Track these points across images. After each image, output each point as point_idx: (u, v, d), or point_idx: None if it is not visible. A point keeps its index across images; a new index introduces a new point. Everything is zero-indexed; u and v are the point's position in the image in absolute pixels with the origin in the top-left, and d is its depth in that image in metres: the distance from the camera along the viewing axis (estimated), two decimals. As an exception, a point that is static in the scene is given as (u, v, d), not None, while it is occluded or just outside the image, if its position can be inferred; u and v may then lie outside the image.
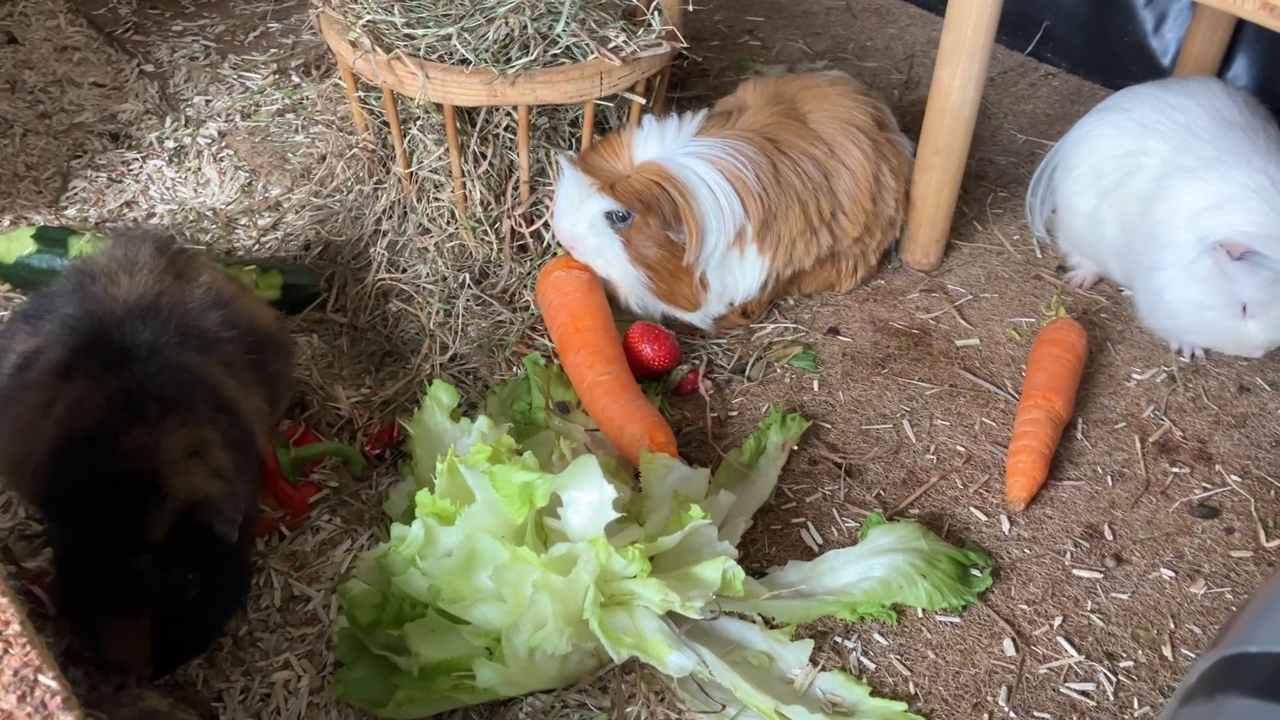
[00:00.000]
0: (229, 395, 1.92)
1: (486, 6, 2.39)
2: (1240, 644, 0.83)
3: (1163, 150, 2.43)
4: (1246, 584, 2.05)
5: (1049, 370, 2.37)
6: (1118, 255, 2.56)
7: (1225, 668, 0.82)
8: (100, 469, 1.69)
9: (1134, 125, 2.48)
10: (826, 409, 2.38)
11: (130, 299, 1.94)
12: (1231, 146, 2.35)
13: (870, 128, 2.52)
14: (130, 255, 2.03)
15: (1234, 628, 0.89)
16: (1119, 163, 2.49)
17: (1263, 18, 1.90)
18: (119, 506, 1.67)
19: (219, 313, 2.00)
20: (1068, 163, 2.61)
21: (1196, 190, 2.34)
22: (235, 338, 2.00)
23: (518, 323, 2.51)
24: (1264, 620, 0.84)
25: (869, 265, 2.64)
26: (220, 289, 2.06)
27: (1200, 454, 2.30)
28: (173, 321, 1.92)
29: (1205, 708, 0.80)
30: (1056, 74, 3.52)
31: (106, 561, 1.67)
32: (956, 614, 1.99)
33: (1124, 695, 1.88)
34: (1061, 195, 2.65)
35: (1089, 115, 2.63)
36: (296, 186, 2.89)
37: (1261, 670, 0.80)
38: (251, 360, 2.03)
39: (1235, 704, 0.78)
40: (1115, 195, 2.51)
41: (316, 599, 1.98)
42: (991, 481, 2.24)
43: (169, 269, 2.03)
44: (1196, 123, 2.41)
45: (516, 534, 1.79)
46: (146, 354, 1.85)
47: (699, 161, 2.31)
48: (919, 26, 3.74)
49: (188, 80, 3.33)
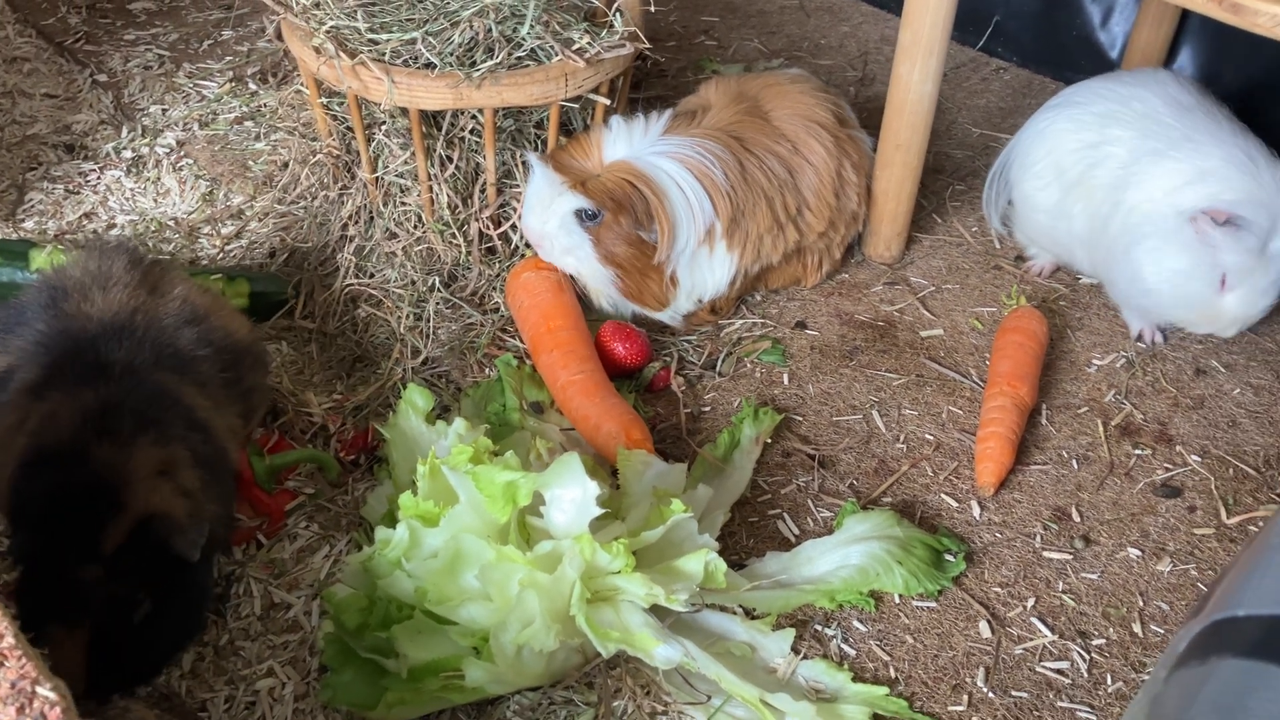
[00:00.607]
0: (202, 415, 1.91)
1: (450, 10, 2.40)
2: (1228, 609, 0.87)
3: (1128, 137, 2.47)
4: (1210, 560, 2.11)
5: (1012, 358, 2.41)
6: (1085, 246, 2.59)
7: (1215, 632, 0.86)
8: (64, 480, 1.68)
9: (1093, 118, 2.53)
10: (797, 402, 2.42)
11: (105, 316, 1.92)
12: (1197, 126, 2.40)
13: (832, 124, 2.55)
14: (104, 269, 2.00)
15: (1218, 594, 0.92)
16: (1081, 155, 2.54)
17: (1212, 10, 1.96)
18: (77, 517, 1.66)
19: (194, 329, 1.98)
20: (1026, 159, 2.65)
21: (1170, 170, 2.38)
22: (210, 355, 1.99)
23: (488, 325, 2.51)
24: (1249, 585, 0.87)
25: (834, 259, 2.68)
26: (195, 303, 2.04)
27: (1161, 435, 2.36)
28: (147, 340, 1.90)
29: (1198, 671, 0.83)
30: (1008, 68, 3.59)
31: (57, 570, 1.65)
32: (933, 599, 2.03)
33: (1097, 672, 1.93)
34: (1020, 191, 2.69)
35: (1043, 112, 2.67)
36: (259, 194, 2.88)
37: (1250, 632, 0.84)
38: (226, 378, 2.02)
39: (1228, 665, 0.82)
40: (1081, 188, 2.54)
41: (297, 606, 1.98)
42: (961, 468, 2.28)
43: (143, 283, 2.01)
44: (1156, 110, 2.46)
45: (500, 533, 1.80)
46: (120, 372, 1.84)
47: (668, 160, 2.33)
48: (871, 24, 3.79)
49: (142, 90, 3.30)
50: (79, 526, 1.67)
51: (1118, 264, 2.48)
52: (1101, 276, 2.64)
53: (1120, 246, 2.46)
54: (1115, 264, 2.50)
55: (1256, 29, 1.91)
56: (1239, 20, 1.92)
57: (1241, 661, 0.81)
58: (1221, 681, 0.82)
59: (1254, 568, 0.88)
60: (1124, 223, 2.45)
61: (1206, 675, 0.83)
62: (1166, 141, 2.42)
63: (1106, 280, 2.61)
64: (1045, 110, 2.67)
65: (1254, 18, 1.90)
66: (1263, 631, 0.83)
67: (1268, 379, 2.49)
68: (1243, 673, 0.81)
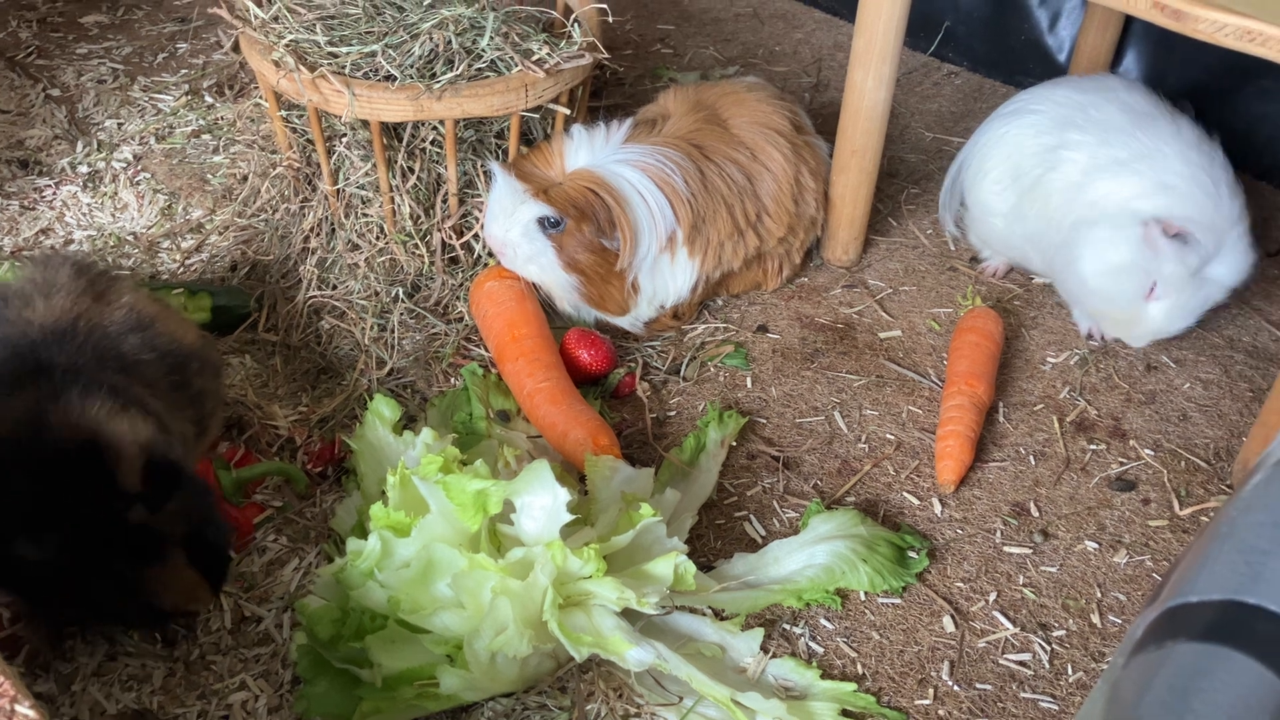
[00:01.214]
0: (153, 407, 1.90)
1: (410, 23, 2.41)
2: (1182, 595, 0.91)
3: (1088, 143, 2.49)
4: (1165, 551, 2.17)
5: (969, 357, 2.46)
6: (1039, 248, 2.62)
7: (1169, 618, 0.90)
8: (37, 451, 1.68)
9: (1050, 123, 2.56)
10: (761, 404, 2.45)
11: (46, 322, 1.90)
12: (1160, 136, 2.44)
13: (789, 131, 2.60)
14: (48, 278, 1.99)
15: (1172, 582, 0.96)
16: (1039, 159, 2.56)
17: (1155, 16, 2.01)
18: (76, 478, 1.67)
19: (138, 336, 1.97)
20: (982, 165, 2.68)
21: (1131, 181, 2.42)
22: (155, 360, 1.98)
23: (453, 334, 2.53)
24: (1201, 572, 0.92)
25: (793, 264, 2.72)
26: (142, 310, 2.02)
27: (1115, 431, 2.42)
28: (89, 344, 1.89)
29: (1155, 655, 0.87)
30: (958, 72, 3.65)
31: (101, 530, 1.67)
32: (897, 595, 2.07)
33: (1058, 663, 1.97)
34: (976, 196, 2.72)
35: (998, 119, 2.69)
36: (219, 207, 2.87)
37: (1202, 616, 0.88)
38: (174, 381, 2.01)
39: (1183, 648, 0.86)
40: (1037, 191, 2.57)
41: (268, 618, 1.98)
42: (922, 466, 2.33)
43: (87, 291, 2.00)
44: (1112, 117, 2.50)
45: (471, 542, 1.81)
46: (63, 374, 1.82)
47: (630, 169, 2.36)
48: (824, 30, 3.85)
49: (97, 104, 3.27)
50: (88, 482, 1.68)
51: (1064, 251, 2.51)
52: (1051, 273, 2.68)
53: (1070, 238, 2.49)
54: (1061, 252, 2.52)
55: (1198, 35, 1.97)
56: (1181, 26, 1.98)
57: (1195, 645, 0.85)
58: (1176, 664, 0.86)
59: (1205, 556, 0.92)
60: (1079, 216, 2.48)
61: (1162, 659, 0.87)
62: (1130, 152, 2.44)
63: (1056, 276, 2.65)
64: (999, 117, 2.70)
65: (1195, 24, 1.96)
66: (1214, 615, 0.87)
67: (1216, 373, 2.56)
68: (1196, 655, 0.85)
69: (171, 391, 1.98)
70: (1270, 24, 1.89)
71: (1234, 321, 2.69)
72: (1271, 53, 1.91)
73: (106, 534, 1.69)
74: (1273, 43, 1.89)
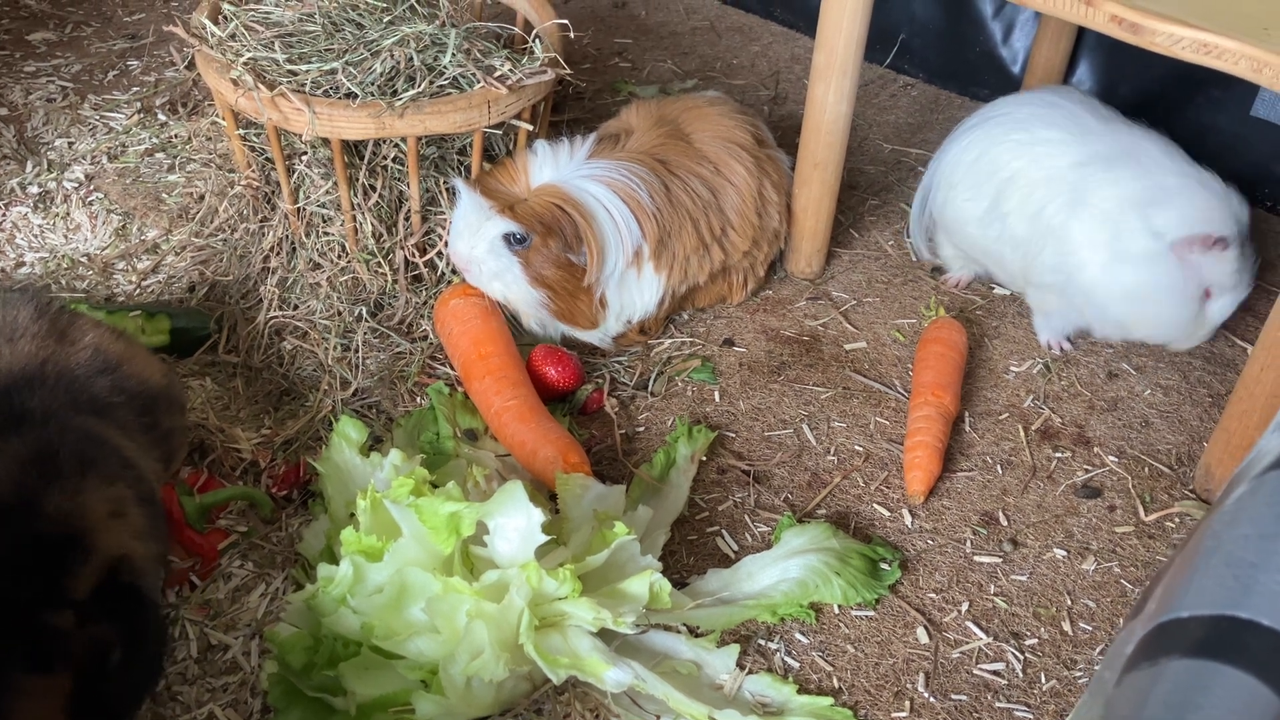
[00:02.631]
0: (130, 455, 1.88)
1: (371, 40, 2.39)
2: (1171, 611, 0.91)
3: (1067, 140, 2.49)
4: (1131, 557, 2.19)
5: (935, 368, 2.48)
6: (1021, 251, 2.58)
7: (1161, 634, 0.90)
8: (18, 530, 1.63)
9: (1024, 132, 2.55)
10: (729, 418, 2.45)
11: (14, 368, 1.86)
12: (1136, 137, 2.46)
13: (751, 145, 2.60)
14: (9, 320, 1.95)
15: (1160, 597, 0.97)
16: (1015, 152, 2.54)
17: (1113, 29, 2.04)
18: (38, 565, 1.61)
19: (108, 379, 1.94)
20: (950, 180, 2.67)
21: (1124, 180, 2.41)
22: (125, 403, 1.95)
23: (418, 353, 2.50)
24: (1190, 587, 0.92)
25: (758, 277, 2.73)
26: (108, 350, 1.99)
27: (1079, 438, 2.44)
28: (60, 388, 1.85)
29: (1148, 672, 0.87)
30: (915, 84, 3.68)
31: (25, 620, 1.59)
32: (871, 607, 2.07)
33: (1031, 671, 1.99)
34: (949, 212, 2.69)
35: (961, 134, 2.68)
36: (175, 227, 2.82)
37: (1194, 632, 0.88)
38: (144, 423, 1.98)
39: (1176, 664, 0.86)
40: (1016, 184, 2.54)
41: (235, 646, 1.95)
42: (890, 478, 2.34)
43: (51, 332, 1.96)
44: (1086, 121, 2.51)
45: (445, 565, 1.79)
46: (42, 419, 1.79)
47: (595, 184, 2.35)
48: (781, 44, 3.87)
49: (46, 123, 3.21)
50: (43, 574, 1.61)
51: (1086, 276, 2.48)
52: (1030, 277, 2.62)
53: (1077, 259, 2.46)
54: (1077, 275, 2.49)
55: (1155, 48, 2.00)
56: (1138, 39, 2.01)
57: (1188, 661, 0.86)
58: (1171, 681, 0.86)
59: (1193, 570, 0.92)
60: (1083, 229, 2.45)
61: (1156, 676, 0.87)
62: (1111, 149, 2.45)
63: (1040, 282, 2.59)
64: (963, 132, 2.68)
65: (1152, 37, 1.99)
66: (1206, 631, 0.87)
67: (1175, 379, 2.59)
68: (1190, 671, 0.85)
69: (141, 434, 1.95)
70: (1225, 36, 1.92)
71: (1191, 328, 2.73)
72: (1226, 65, 1.94)
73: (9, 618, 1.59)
74: (1228, 55, 1.93)
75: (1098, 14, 2.05)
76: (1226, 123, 3.11)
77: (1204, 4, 2.01)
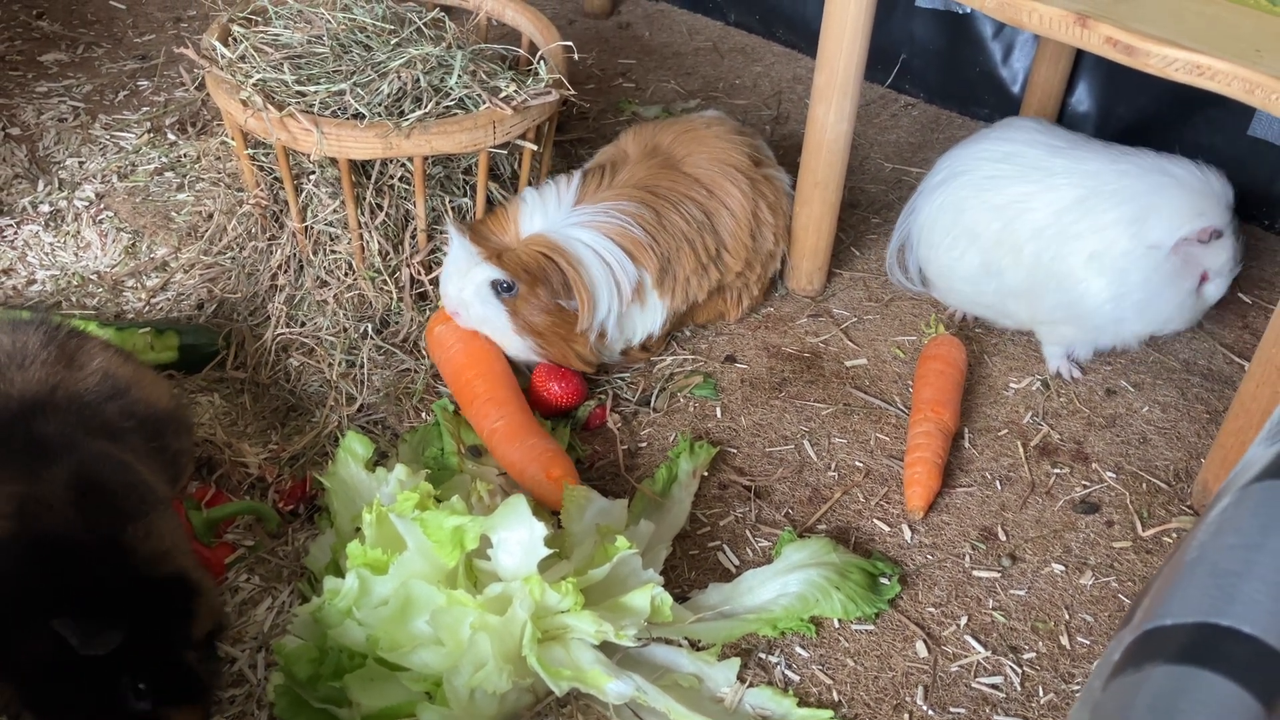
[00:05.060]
0: (148, 478, 1.90)
1: (378, 62, 2.43)
2: (1156, 619, 0.94)
3: (1037, 192, 2.51)
4: (1129, 572, 2.21)
5: (934, 385, 2.50)
6: (1026, 300, 2.59)
7: (1146, 641, 0.93)
8: (117, 574, 1.67)
9: (994, 192, 2.55)
10: (731, 434, 2.47)
11: (25, 394, 1.87)
12: (1100, 163, 2.49)
13: (747, 166, 2.63)
14: (19, 346, 1.96)
15: (1146, 605, 0.99)
16: (994, 214, 2.56)
17: (1108, 51, 2.07)
18: (161, 609, 1.68)
19: (117, 404, 1.95)
20: (930, 239, 2.67)
21: (1105, 211, 2.43)
22: (135, 427, 1.97)
23: (422, 370, 2.53)
24: (1174, 596, 0.95)
25: (753, 296, 2.75)
26: (116, 374, 2.00)
27: (1078, 454, 2.47)
28: (72, 413, 1.87)
29: (1133, 678, 0.90)
30: (915, 104, 3.72)
31: (166, 658, 1.68)
32: (870, 622, 2.09)
33: (1029, 685, 2.01)
34: (935, 268, 2.70)
35: (935, 190, 2.66)
36: (184, 245, 2.86)
37: (1177, 639, 0.91)
38: (154, 447, 2.00)
39: (1160, 671, 0.89)
40: (1004, 244, 2.56)
41: (242, 659, 1.97)
42: (890, 493, 2.36)
43: (60, 358, 1.97)
44: (1048, 163, 2.52)
45: (449, 578, 1.82)
46: (61, 447, 1.79)
47: (584, 230, 2.37)
48: (784, 64, 3.91)
49: (58, 142, 3.26)
50: (167, 618, 1.69)
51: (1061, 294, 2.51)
52: (1040, 317, 2.62)
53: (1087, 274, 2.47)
54: (1060, 295, 2.52)
55: (1148, 69, 2.03)
56: (1133, 61, 2.04)
57: (1171, 667, 0.88)
58: (1155, 687, 0.89)
59: (1178, 579, 0.95)
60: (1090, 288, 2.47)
61: (1140, 682, 0.89)
62: (1102, 162, 2.48)
63: (1051, 319, 2.60)
64: (930, 190, 2.68)
65: (1146, 59, 2.02)
66: (1189, 638, 0.90)
67: (1173, 396, 2.62)
68: (1173, 678, 0.88)
69: (150, 458, 1.96)
70: (1218, 58, 1.95)
71: (1189, 345, 2.76)
72: (1219, 86, 1.97)
73: (161, 665, 1.69)
74: (1220, 76, 1.96)
75: (1093, 36, 2.08)
76: (1224, 142, 3.14)
77: (1197, 26, 2.04)
